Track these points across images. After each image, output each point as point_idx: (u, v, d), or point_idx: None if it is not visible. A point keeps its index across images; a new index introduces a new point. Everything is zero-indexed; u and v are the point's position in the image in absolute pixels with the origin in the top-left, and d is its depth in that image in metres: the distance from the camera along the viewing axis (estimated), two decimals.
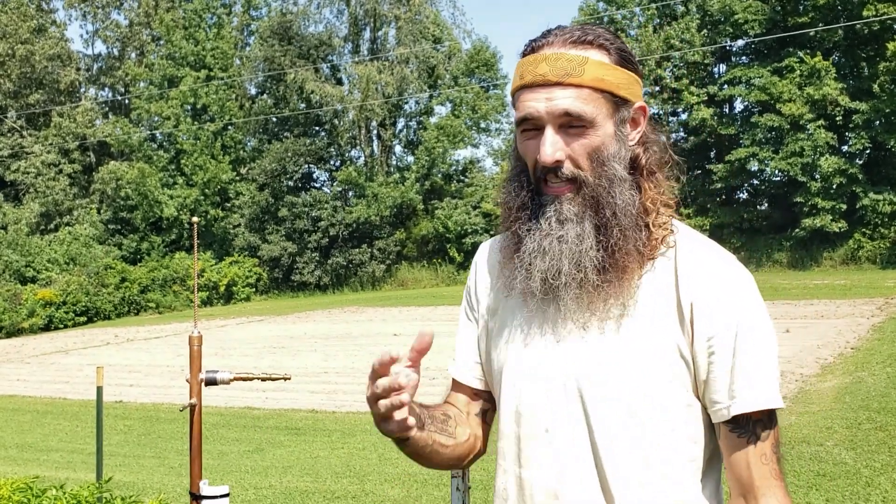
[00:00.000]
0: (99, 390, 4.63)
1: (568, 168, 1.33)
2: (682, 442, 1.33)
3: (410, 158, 37.55)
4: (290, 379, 1.67)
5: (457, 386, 1.58)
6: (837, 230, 27.73)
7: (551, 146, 1.32)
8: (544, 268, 1.33)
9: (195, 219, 1.64)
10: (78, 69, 42.90)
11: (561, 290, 1.33)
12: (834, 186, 27.75)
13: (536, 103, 1.33)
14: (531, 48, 1.37)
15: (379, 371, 1.23)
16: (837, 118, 28.26)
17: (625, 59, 1.37)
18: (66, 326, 27.96)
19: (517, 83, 1.37)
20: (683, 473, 1.33)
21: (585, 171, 1.33)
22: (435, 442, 1.42)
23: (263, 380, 1.62)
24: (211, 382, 1.57)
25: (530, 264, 1.35)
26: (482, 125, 37.57)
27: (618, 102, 1.35)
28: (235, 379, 1.60)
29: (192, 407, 1.52)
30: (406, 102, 37.46)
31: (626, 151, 1.37)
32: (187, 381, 1.54)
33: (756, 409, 1.30)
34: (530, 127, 1.35)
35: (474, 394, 1.56)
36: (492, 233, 33.13)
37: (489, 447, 1.57)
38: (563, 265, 1.32)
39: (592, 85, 1.32)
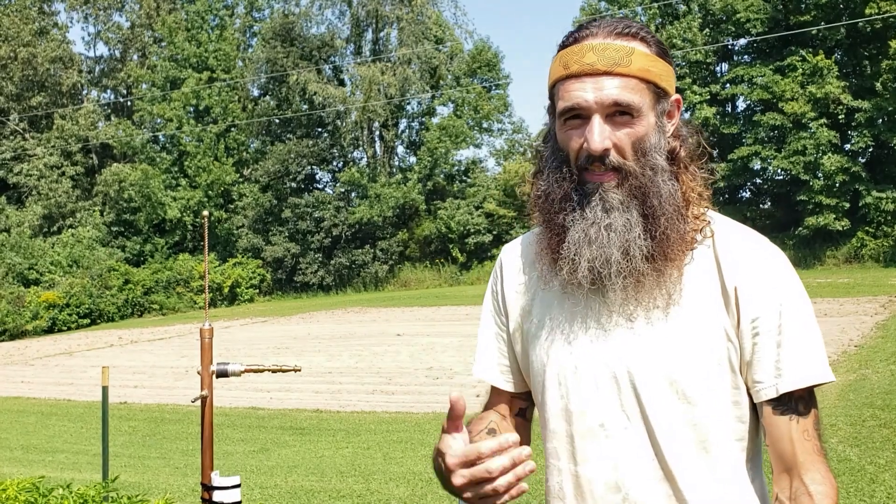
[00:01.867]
0: (104, 389, 4.64)
1: (614, 157, 1.33)
2: (732, 423, 1.36)
3: (413, 159, 37.58)
4: (300, 370, 1.68)
5: (494, 391, 1.58)
6: (840, 229, 27.72)
7: (599, 134, 1.31)
8: (592, 256, 1.32)
9: (205, 212, 1.65)
10: (80, 71, 42.96)
11: (609, 279, 1.33)
12: (837, 185, 27.74)
13: (584, 93, 1.32)
14: (574, 39, 1.37)
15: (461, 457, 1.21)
16: (840, 116, 28.24)
17: (663, 52, 1.38)
18: (69, 329, 28.01)
19: (561, 73, 1.36)
20: (735, 453, 1.37)
21: (629, 161, 1.33)
22: None
23: (274, 371, 1.63)
24: (222, 374, 1.58)
25: (576, 254, 1.33)
26: (484, 125, 37.59)
27: (659, 94, 1.37)
28: (247, 371, 1.61)
29: (204, 398, 1.53)
30: (408, 103, 37.50)
31: (665, 143, 1.38)
32: (198, 373, 1.55)
33: (803, 385, 1.32)
34: (575, 116, 1.35)
35: (513, 397, 1.56)
36: (495, 233, 33.23)
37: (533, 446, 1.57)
38: (611, 253, 1.32)
39: (639, 75, 1.33)
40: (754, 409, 1.38)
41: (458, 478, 1.18)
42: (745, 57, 32.25)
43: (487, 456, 1.17)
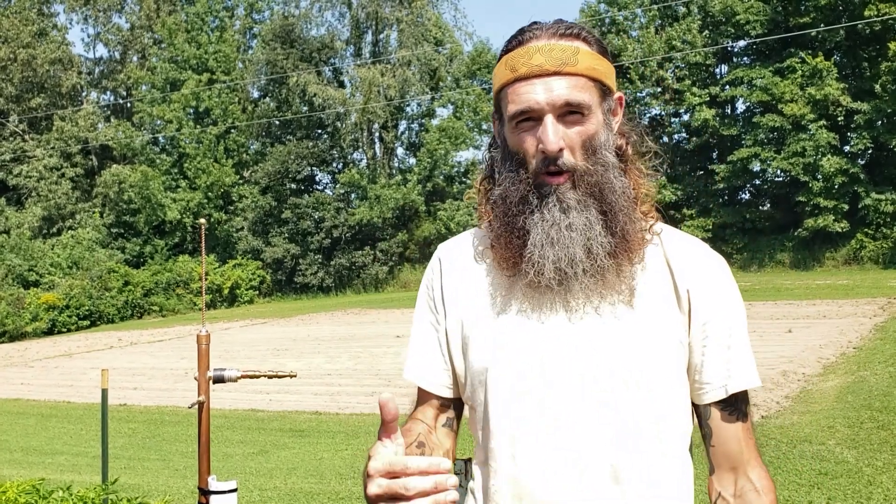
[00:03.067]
0: (104, 392, 4.65)
1: (567, 157, 1.33)
2: (682, 418, 1.38)
3: (412, 160, 37.61)
4: (295, 376, 1.69)
5: (423, 396, 1.52)
6: (840, 230, 27.74)
7: (554, 134, 1.32)
8: (556, 257, 1.32)
9: (202, 220, 1.66)
10: (80, 73, 43.00)
11: (576, 278, 1.33)
12: (836, 186, 27.76)
13: (535, 94, 1.32)
14: (518, 42, 1.37)
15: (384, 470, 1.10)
16: (839, 118, 28.26)
17: (604, 50, 1.39)
18: (69, 330, 28.02)
19: (508, 76, 1.36)
20: (682, 448, 1.39)
21: (579, 160, 1.34)
22: None
23: (270, 377, 1.64)
24: (219, 380, 1.59)
25: (541, 256, 1.33)
26: (484, 127, 37.61)
27: (605, 91, 1.38)
28: (243, 377, 1.62)
29: (201, 404, 1.54)
30: (408, 105, 37.53)
31: (613, 140, 1.39)
32: (195, 378, 1.56)
33: (748, 387, 1.38)
34: (526, 118, 1.35)
35: (441, 404, 1.51)
36: None
37: (464, 448, 1.54)
38: (575, 252, 1.32)
39: (587, 73, 1.34)
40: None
41: (374, 486, 1.10)
42: (745, 59, 32.29)
43: (412, 472, 1.08)
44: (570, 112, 1.33)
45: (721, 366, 1.37)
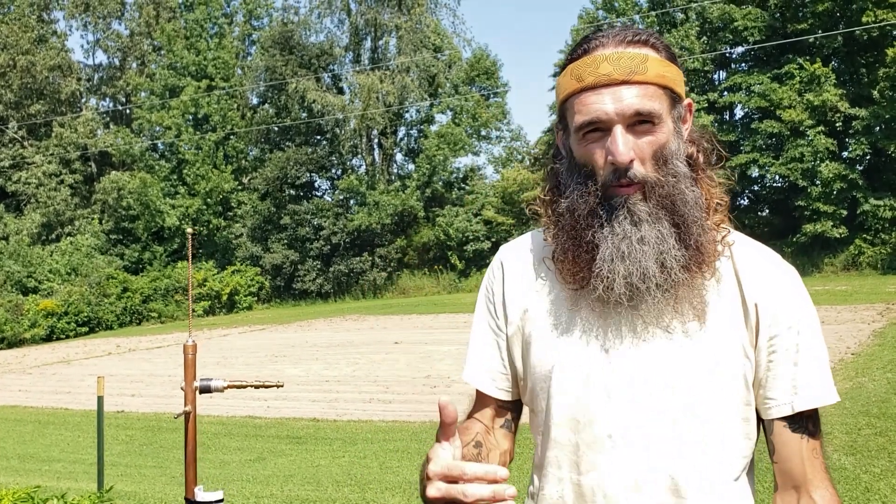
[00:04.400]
0: (100, 400, 4.64)
1: (637, 168, 1.29)
2: (740, 439, 1.35)
3: (411, 166, 37.65)
4: (282, 386, 1.69)
5: (481, 398, 1.52)
6: (838, 236, 27.75)
7: (624, 145, 1.27)
8: (627, 272, 1.28)
9: (189, 230, 1.66)
10: (79, 79, 43.07)
11: (649, 293, 1.29)
12: (834, 192, 27.78)
13: (604, 105, 1.28)
14: (584, 50, 1.33)
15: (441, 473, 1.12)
16: (837, 124, 28.30)
17: (672, 56, 1.36)
18: (67, 337, 28.00)
19: (574, 86, 1.32)
20: (740, 470, 1.36)
21: (650, 171, 1.30)
22: None
23: (257, 387, 1.64)
24: (205, 390, 1.59)
25: (611, 270, 1.29)
26: (482, 133, 37.68)
27: (674, 99, 1.34)
28: (229, 387, 1.62)
29: (187, 414, 1.54)
30: (407, 111, 37.58)
31: (683, 148, 1.36)
32: (182, 388, 1.56)
33: (817, 405, 1.34)
34: (594, 129, 1.31)
35: (500, 406, 1.51)
36: (494, 240, 33.24)
37: (522, 455, 1.54)
38: (648, 266, 1.28)
39: (656, 81, 1.30)
40: (758, 426, 1.38)
41: (434, 489, 1.12)
42: (743, 65, 32.34)
43: (469, 479, 1.10)
44: (639, 122, 1.29)
45: (787, 382, 1.34)
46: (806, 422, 1.35)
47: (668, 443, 1.30)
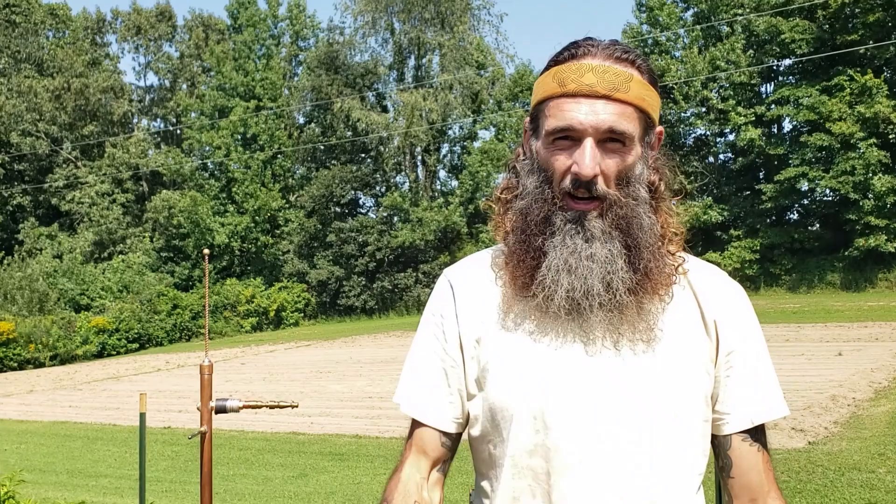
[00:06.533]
0: (142, 416, 4.71)
1: (600, 185, 1.27)
2: (697, 457, 1.33)
3: (454, 183, 37.76)
4: (297, 406, 1.69)
5: (421, 434, 1.41)
6: (892, 250, 27.07)
7: (591, 159, 1.25)
8: (571, 287, 1.26)
9: (206, 250, 1.68)
10: (130, 101, 44.13)
11: (590, 311, 1.26)
12: (888, 205, 27.15)
13: (579, 114, 1.26)
14: (570, 55, 1.31)
15: None
16: (890, 136, 27.69)
17: (654, 81, 1.33)
18: (118, 353, 28.53)
19: (555, 90, 1.30)
20: (694, 487, 1.34)
21: (612, 190, 1.28)
22: None
23: (272, 407, 1.64)
24: (221, 410, 1.59)
25: (554, 281, 1.26)
26: None
27: (649, 124, 1.32)
28: (245, 407, 1.62)
29: (203, 434, 1.55)
30: (450, 128, 37.74)
31: (647, 174, 1.33)
32: (198, 409, 1.57)
33: (775, 416, 1.36)
34: (565, 136, 1.29)
35: (442, 443, 1.40)
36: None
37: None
38: (593, 284, 1.26)
39: (635, 103, 1.28)
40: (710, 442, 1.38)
41: None
42: (791, 77, 31.85)
43: None
44: (611, 139, 1.27)
45: (746, 396, 1.34)
46: (760, 435, 1.37)
47: (642, 461, 1.27)
